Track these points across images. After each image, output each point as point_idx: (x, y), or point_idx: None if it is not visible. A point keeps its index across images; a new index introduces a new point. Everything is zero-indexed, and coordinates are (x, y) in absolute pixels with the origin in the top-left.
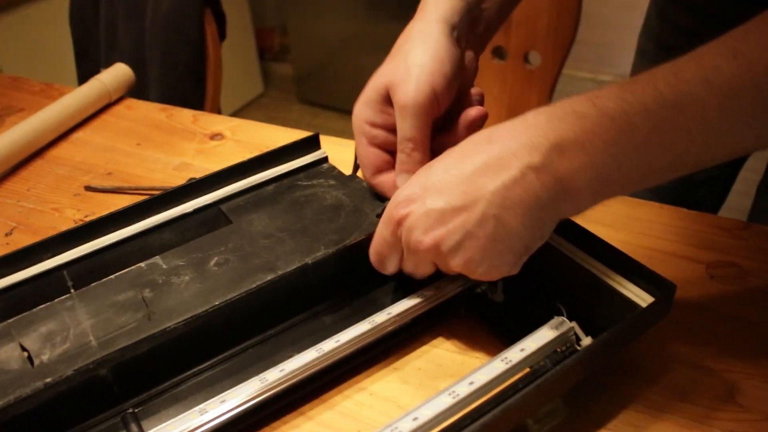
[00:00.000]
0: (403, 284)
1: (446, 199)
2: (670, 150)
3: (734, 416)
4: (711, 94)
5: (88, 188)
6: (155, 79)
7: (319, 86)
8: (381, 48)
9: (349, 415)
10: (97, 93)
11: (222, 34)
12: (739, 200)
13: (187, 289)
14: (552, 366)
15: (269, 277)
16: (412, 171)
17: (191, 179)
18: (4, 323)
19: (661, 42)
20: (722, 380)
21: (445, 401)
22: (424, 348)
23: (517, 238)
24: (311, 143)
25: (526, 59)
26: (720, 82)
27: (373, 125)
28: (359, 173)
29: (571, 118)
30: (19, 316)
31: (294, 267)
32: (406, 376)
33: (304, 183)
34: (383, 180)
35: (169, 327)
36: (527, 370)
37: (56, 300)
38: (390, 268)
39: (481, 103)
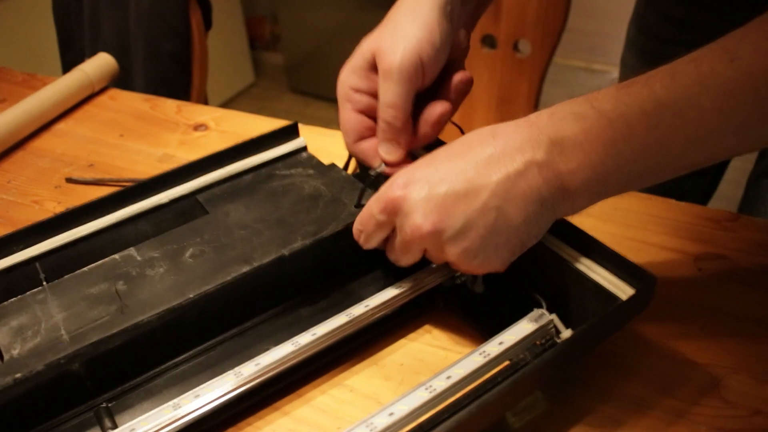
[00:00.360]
0: (382, 275)
1: (449, 186)
2: (668, 151)
3: (720, 412)
4: (707, 97)
5: (70, 180)
6: (140, 69)
7: (310, 75)
8: None
9: (329, 411)
10: (80, 83)
11: (207, 23)
12: (729, 189)
13: (161, 282)
14: (531, 359)
15: (245, 269)
16: (393, 140)
17: None
18: None
19: (651, 31)
20: (708, 375)
21: (421, 396)
22: (405, 342)
23: (515, 232)
24: (290, 132)
25: (515, 48)
26: (717, 85)
27: (357, 90)
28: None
29: (570, 118)
30: None
31: (270, 259)
32: (387, 372)
33: (283, 172)
34: (365, 147)
35: (143, 320)
36: (506, 363)
37: (28, 293)
38: (370, 245)
39: (467, 86)
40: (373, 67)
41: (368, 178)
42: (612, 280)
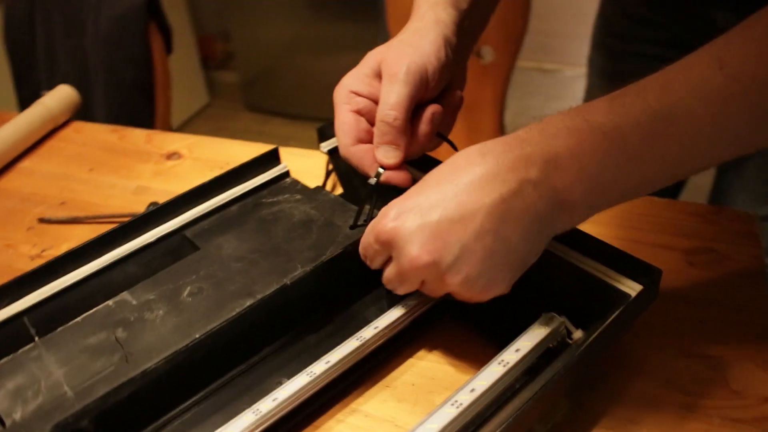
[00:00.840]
0: (382, 294)
1: (442, 212)
2: (663, 160)
3: (731, 403)
4: (700, 104)
5: (42, 220)
6: (101, 99)
7: (266, 92)
8: (325, 49)
9: None
10: (42, 118)
11: (168, 48)
12: (696, 178)
13: (162, 325)
14: (545, 363)
15: (248, 302)
16: (392, 142)
17: (152, 204)
18: None
19: (615, 31)
20: (713, 367)
21: (449, 412)
22: (414, 361)
23: (514, 252)
24: (271, 158)
25: (479, 54)
26: (708, 92)
27: (358, 94)
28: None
29: (563, 133)
30: None
31: (272, 289)
32: (400, 394)
33: (269, 200)
34: (362, 150)
35: (150, 367)
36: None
37: (20, 351)
38: (375, 267)
39: (459, 100)
40: (377, 75)
41: (364, 190)
42: (617, 278)
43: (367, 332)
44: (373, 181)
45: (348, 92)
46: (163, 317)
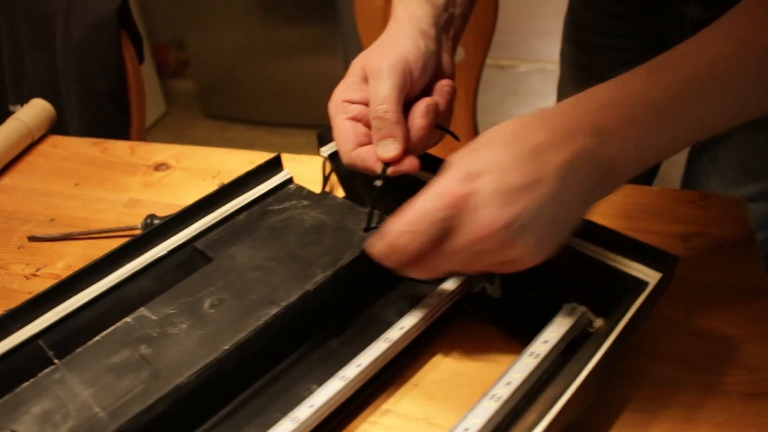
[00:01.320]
0: (397, 295)
1: (515, 177)
2: (695, 125)
3: (745, 378)
4: (728, 75)
5: (33, 239)
6: (74, 112)
7: (224, 99)
8: (282, 53)
9: None
10: (19, 133)
11: (140, 57)
12: (667, 168)
13: (188, 338)
14: (570, 353)
15: (273, 311)
16: (389, 135)
17: (150, 216)
18: None
19: (585, 24)
20: (725, 346)
21: (490, 406)
22: (438, 359)
23: (568, 220)
24: (273, 165)
25: None
26: (734, 65)
27: (350, 102)
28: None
29: (613, 104)
30: (2, 400)
31: (296, 296)
32: (428, 392)
33: (277, 207)
34: (364, 152)
35: (182, 382)
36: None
37: (40, 374)
38: (415, 246)
39: (451, 88)
40: (364, 80)
41: (370, 192)
42: (633, 266)
43: (394, 333)
44: (378, 182)
45: (340, 102)
46: (187, 331)
